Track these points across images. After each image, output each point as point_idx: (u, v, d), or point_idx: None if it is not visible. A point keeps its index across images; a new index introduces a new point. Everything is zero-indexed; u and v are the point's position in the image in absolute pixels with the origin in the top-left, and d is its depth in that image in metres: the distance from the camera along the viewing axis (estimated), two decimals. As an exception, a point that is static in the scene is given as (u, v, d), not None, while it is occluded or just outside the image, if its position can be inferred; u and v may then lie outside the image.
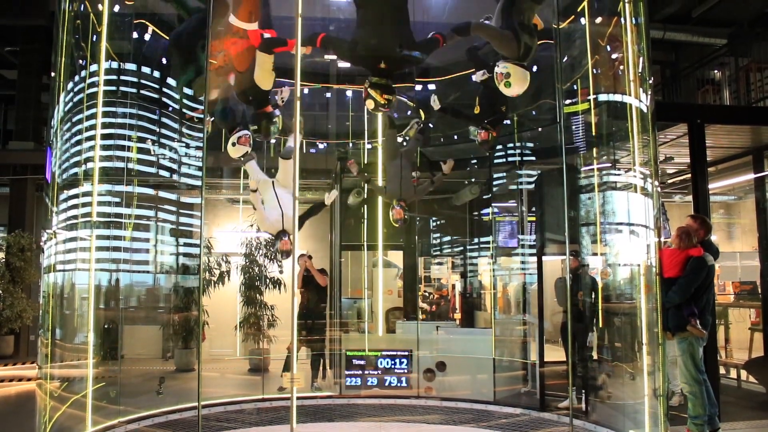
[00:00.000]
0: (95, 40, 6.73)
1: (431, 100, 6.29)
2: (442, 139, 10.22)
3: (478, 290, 12.35)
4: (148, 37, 7.90)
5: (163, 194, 9.70)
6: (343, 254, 10.95)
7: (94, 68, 6.79)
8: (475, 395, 8.36)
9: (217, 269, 11.30)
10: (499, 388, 8.43)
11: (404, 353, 8.63)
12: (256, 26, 5.27)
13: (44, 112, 13.25)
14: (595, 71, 7.47)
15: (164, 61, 8.28)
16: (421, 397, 8.47)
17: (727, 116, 8.94)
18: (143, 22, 7.70)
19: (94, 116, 6.63)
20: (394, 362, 8.59)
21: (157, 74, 8.52)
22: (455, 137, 9.85)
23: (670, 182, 11.92)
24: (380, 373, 8.57)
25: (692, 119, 8.00)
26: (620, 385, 7.54)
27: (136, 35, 7.75)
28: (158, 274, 10.48)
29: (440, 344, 9.11)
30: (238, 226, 11.65)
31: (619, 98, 7.04)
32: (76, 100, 6.83)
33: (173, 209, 10.08)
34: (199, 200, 10.15)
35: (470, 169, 10.91)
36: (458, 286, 13.13)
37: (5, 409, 8.34)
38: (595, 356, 8.06)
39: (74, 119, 6.83)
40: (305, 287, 9.28)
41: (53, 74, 6.87)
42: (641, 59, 6.55)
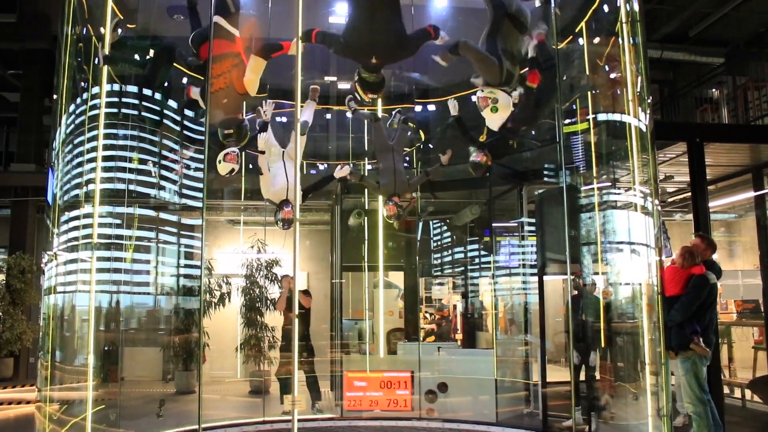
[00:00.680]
0: (97, 62, 6.78)
1: (450, 105, 6.23)
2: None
3: (479, 310, 12.30)
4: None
5: (164, 216, 9.71)
6: (343, 275, 10.93)
7: (95, 90, 6.84)
8: (477, 416, 8.29)
9: (217, 291, 11.28)
10: (501, 409, 8.37)
11: (406, 375, 8.58)
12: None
13: (46, 134, 13.32)
14: (593, 91, 7.52)
15: (165, 83, 8.34)
16: (423, 418, 8.40)
17: (725, 135, 8.98)
18: (145, 44, 7.76)
19: (95, 138, 6.66)
20: (395, 384, 8.54)
21: (158, 96, 8.57)
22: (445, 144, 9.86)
23: (670, 201, 11.93)
24: (382, 394, 8.51)
25: (691, 138, 8.03)
26: (624, 405, 7.48)
27: (137, 58, 7.81)
28: (159, 295, 10.45)
29: (442, 365, 9.06)
30: (238, 247, 11.65)
31: (618, 117, 7.07)
32: (77, 122, 6.87)
33: (174, 230, 10.08)
34: (200, 222, 10.16)
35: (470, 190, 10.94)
36: (459, 306, 13.09)
37: (4, 432, 8.28)
38: (598, 376, 8.01)
39: (76, 141, 6.86)
40: (288, 309, 9.20)
41: (55, 97, 6.92)
42: (639, 79, 6.59)
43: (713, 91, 14.27)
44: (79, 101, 6.99)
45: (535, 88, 5.40)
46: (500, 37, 4.99)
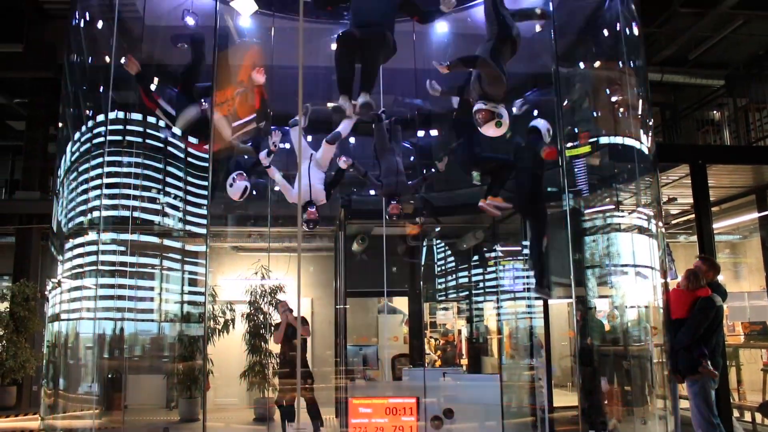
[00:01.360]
0: (102, 91, 6.85)
1: (428, 85, 6.31)
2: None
3: (484, 335, 12.24)
4: (153, 87, 8.04)
5: (168, 242, 9.72)
6: (348, 301, 10.90)
7: (100, 118, 6.90)
8: (484, 443, 8.20)
9: (221, 317, 11.24)
10: (508, 435, 8.28)
11: (411, 401, 8.49)
12: (263, 79, 5.37)
13: (51, 162, 13.38)
14: (595, 114, 7.55)
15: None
16: (429, 445, 8.31)
17: (728, 156, 9.00)
18: (149, 72, 7.83)
19: (99, 165, 6.71)
20: (400, 410, 8.45)
21: (162, 123, 8.63)
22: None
23: (674, 223, 11.92)
24: (387, 421, 8.43)
25: (694, 160, 8.05)
26: (632, 430, 7.40)
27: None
28: (163, 322, 10.42)
29: (447, 391, 8.98)
30: (242, 273, 11.63)
31: (620, 140, 7.10)
32: (82, 149, 6.92)
33: (178, 257, 10.08)
34: (203, 248, 10.16)
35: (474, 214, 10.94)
36: (464, 331, 13.02)
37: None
38: (605, 400, 7.93)
39: (80, 168, 6.90)
40: (287, 338, 9.18)
41: (60, 125, 6.98)
42: (641, 101, 6.63)
43: (714, 112, 14.32)
44: (84, 129, 7.05)
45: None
46: (501, 56, 5.08)
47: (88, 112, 7.11)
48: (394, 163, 7.31)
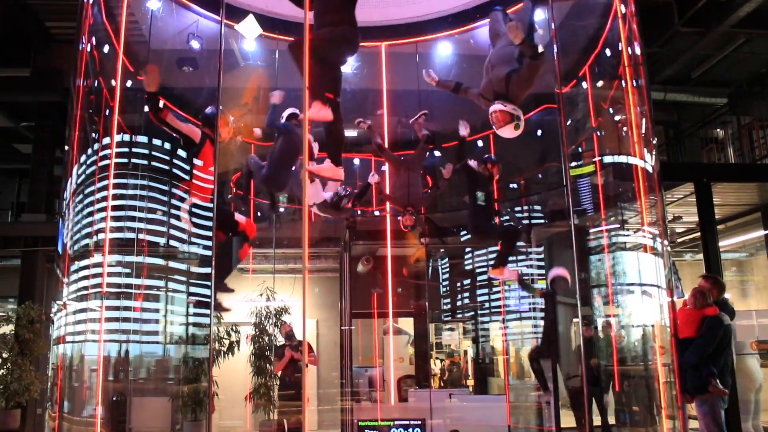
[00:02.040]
0: (108, 114, 6.90)
1: (424, 73, 6.34)
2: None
3: (490, 356, 12.16)
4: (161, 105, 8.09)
5: (173, 264, 9.72)
6: (353, 322, 10.86)
7: (106, 141, 6.94)
8: (491, 465, 8.13)
9: (226, 339, 11.20)
10: (515, 456, 8.20)
11: (417, 422, 8.43)
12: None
13: (57, 185, 13.46)
14: (599, 133, 7.57)
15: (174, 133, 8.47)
16: (435, 467, 8.23)
17: (732, 174, 9.01)
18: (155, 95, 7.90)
19: (105, 188, 6.74)
20: None
21: (167, 146, 8.69)
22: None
23: (680, 241, 11.88)
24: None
25: (698, 178, 8.05)
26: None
27: (147, 109, 7.95)
28: (168, 344, 10.39)
29: (454, 412, 8.91)
30: (247, 295, 11.61)
31: (624, 159, 7.11)
32: (88, 172, 6.96)
33: (183, 279, 10.07)
34: (209, 270, 10.16)
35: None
36: (470, 351, 12.95)
37: (10, 487, 8.15)
38: (612, 421, 7.86)
39: (86, 191, 6.94)
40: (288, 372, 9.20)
41: (66, 148, 7.03)
42: (644, 120, 6.65)
43: (718, 131, 14.34)
44: (90, 152, 7.10)
45: None
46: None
47: (93, 135, 7.17)
48: (404, 177, 7.41)
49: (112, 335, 7.38)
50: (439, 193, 8.01)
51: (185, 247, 9.28)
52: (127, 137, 7.66)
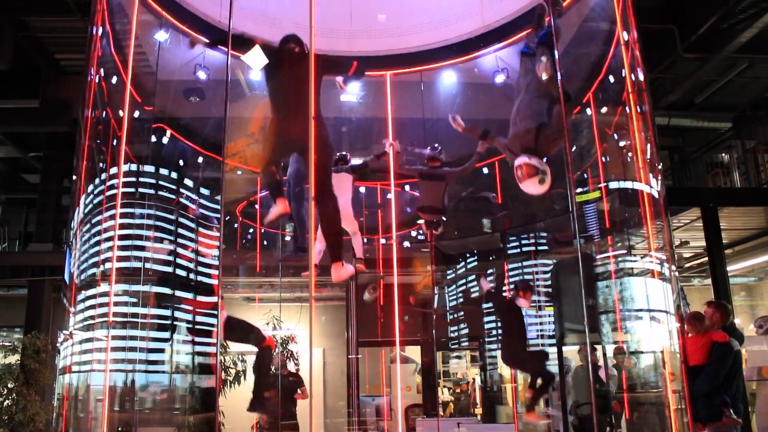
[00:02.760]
0: (115, 144, 6.96)
1: (450, 119, 6.27)
2: (456, 232, 10.28)
3: (498, 383, 12.04)
4: (166, 140, 8.18)
5: (180, 293, 9.71)
6: (360, 350, 10.79)
7: (113, 171, 6.99)
8: (501, 495, 8.01)
9: (233, 369, 11.14)
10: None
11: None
12: None
13: (64, 214, 13.52)
14: (604, 159, 7.59)
15: (181, 162, 8.54)
16: (444, 498, 8.11)
17: (738, 199, 8.98)
18: (161, 126, 7.98)
19: (113, 217, 6.77)
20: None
21: (174, 175, 8.74)
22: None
23: (687, 266, 11.82)
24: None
25: (705, 203, 8.03)
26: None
27: (154, 138, 8.02)
28: (174, 373, 10.33)
29: (462, 441, 8.80)
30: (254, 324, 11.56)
31: (629, 185, 7.11)
32: (95, 201, 6.99)
33: (190, 308, 10.06)
34: (215, 299, 10.14)
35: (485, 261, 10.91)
36: (478, 379, 12.82)
37: None
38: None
39: (93, 220, 6.97)
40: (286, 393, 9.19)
41: (74, 177, 7.07)
42: (649, 146, 6.66)
43: (723, 155, 14.35)
44: (97, 181, 7.14)
45: None
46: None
47: (101, 164, 7.22)
48: (429, 183, 7.51)
49: (118, 365, 7.35)
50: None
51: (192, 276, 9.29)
52: (134, 167, 7.72)
